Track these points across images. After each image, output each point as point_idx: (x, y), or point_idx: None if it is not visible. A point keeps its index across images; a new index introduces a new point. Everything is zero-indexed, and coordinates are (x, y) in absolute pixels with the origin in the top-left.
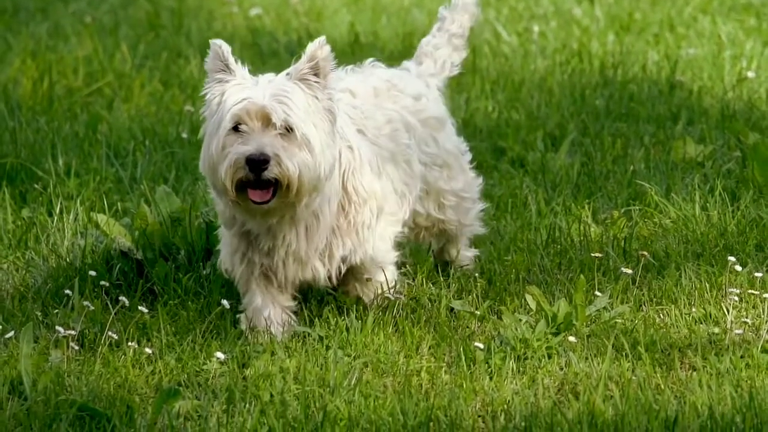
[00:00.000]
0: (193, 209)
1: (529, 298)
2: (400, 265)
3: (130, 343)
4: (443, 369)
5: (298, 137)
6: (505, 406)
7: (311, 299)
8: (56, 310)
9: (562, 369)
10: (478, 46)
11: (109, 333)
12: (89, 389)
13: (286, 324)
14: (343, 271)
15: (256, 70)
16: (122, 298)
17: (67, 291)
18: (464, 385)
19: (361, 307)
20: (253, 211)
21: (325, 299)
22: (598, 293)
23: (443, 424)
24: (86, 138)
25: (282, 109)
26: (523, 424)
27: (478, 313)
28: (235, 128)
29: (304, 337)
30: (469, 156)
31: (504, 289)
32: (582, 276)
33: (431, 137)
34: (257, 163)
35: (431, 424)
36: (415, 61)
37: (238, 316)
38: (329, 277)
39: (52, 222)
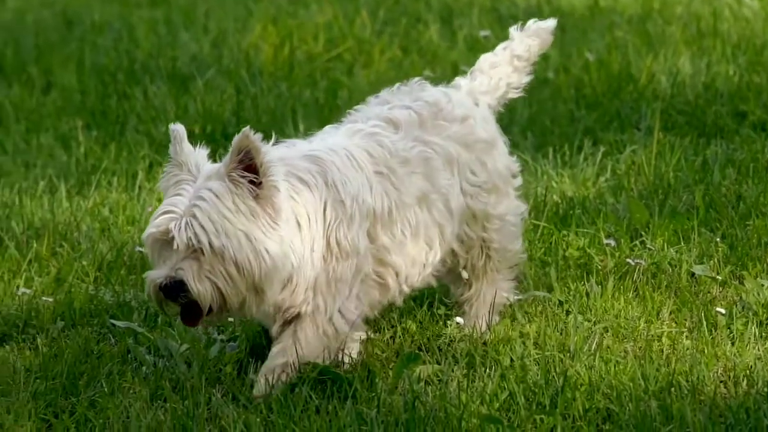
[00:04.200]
0: None
1: None
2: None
3: None
4: (684, 334)
5: (208, 254)
6: (748, 372)
7: (551, 265)
8: None
9: None
10: (718, 9)
11: None
12: None
13: None
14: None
15: (495, 35)
16: None
17: None
18: (706, 351)
19: (602, 272)
20: None
21: (567, 262)
22: None
23: (684, 390)
24: (326, 104)
25: (188, 229)
26: (765, 389)
27: (720, 278)
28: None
29: (544, 302)
30: (518, 181)
31: (746, 253)
32: None
33: (479, 162)
34: (168, 291)
35: (672, 389)
36: (469, 77)
37: None
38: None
39: None
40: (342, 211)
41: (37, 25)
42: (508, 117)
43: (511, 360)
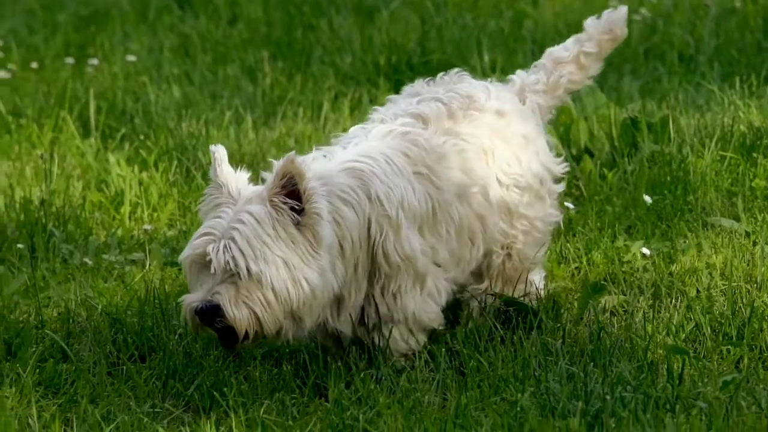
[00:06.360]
0: (617, 105)
1: None
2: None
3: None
4: None
5: (245, 279)
6: None
7: (737, 195)
8: None
9: None
10: None
11: None
12: None
13: None
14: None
15: None
16: None
17: None
18: None
19: None
20: None
21: (754, 193)
22: None
23: None
24: (511, 34)
25: (226, 252)
26: None
27: None
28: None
29: (731, 232)
30: (559, 187)
31: None
32: None
33: (514, 156)
34: (204, 315)
35: None
36: (531, 70)
37: None
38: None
39: None
40: (387, 224)
41: None
42: (695, 47)
43: (698, 291)
